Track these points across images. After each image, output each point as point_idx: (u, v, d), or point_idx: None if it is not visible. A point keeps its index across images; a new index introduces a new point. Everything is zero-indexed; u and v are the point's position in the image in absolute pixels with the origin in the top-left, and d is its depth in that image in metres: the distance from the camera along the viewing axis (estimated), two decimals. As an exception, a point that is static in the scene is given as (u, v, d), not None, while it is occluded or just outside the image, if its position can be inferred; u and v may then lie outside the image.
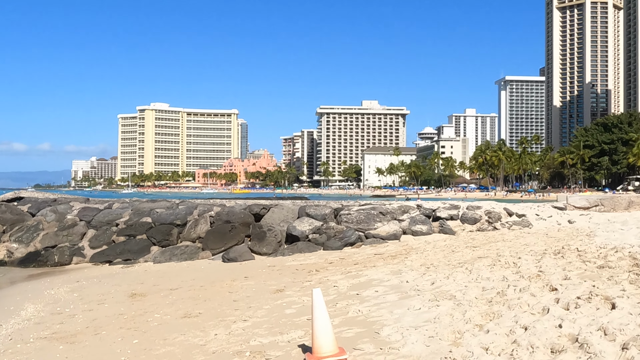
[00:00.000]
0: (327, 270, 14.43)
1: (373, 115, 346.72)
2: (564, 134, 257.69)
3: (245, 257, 18.87)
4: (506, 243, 15.56)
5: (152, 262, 20.15)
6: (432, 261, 13.60)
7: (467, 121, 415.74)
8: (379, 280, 11.78)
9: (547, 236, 16.51)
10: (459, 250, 15.22)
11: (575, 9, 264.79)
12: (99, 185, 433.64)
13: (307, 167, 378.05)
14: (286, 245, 20.50)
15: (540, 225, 20.01)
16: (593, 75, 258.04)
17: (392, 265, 13.95)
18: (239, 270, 16.51)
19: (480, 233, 19.64)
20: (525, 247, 13.97)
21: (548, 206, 22.26)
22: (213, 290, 13.19)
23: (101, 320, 10.88)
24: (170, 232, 21.39)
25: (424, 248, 16.87)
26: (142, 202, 25.27)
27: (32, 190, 55.51)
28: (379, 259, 15.74)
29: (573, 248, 12.56)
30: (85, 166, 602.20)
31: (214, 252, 20.29)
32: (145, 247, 21.04)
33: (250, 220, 21.57)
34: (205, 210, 22.42)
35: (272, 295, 11.62)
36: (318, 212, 21.42)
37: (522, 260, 11.54)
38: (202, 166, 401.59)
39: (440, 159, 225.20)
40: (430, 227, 20.83)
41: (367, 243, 19.83)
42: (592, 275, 9.25)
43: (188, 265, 18.76)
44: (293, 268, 15.66)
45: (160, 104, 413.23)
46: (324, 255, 18.21)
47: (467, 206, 22.06)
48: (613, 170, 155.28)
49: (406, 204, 22.95)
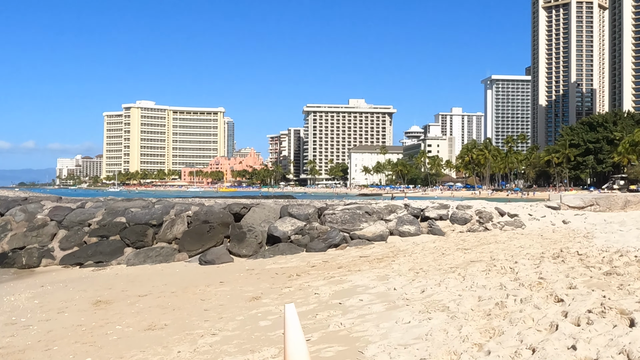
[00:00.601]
0: (309, 275, 13.44)
1: (360, 114, 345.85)
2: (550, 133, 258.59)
3: (224, 259, 17.84)
4: (499, 245, 14.66)
5: (126, 264, 19.06)
6: (421, 265, 12.66)
7: (453, 120, 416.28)
8: (364, 286, 10.82)
9: (542, 238, 15.65)
10: (450, 252, 14.30)
11: (560, 9, 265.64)
12: (84, 184, 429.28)
13: (293, 165, 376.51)
14: (267, 247, 19.49)
15: (534, 225, 19.15)
16: (578, 75, 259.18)
17: (379, 269, 12.99)
18: (215, 274, 15.49)
19: (471, 234, 18.74)
20: (520, 250, 13.07)
21: (541, 205, 21.41)
22: (184, 297, 12.16)
23: (57, 332, 9.81)
24: (145, 232, 20.28)
25: (412, 250, 15.94)
26: (117, 201, 24.13)
27: (17, 189, 54.27)
28: (365, 262, 14.78)
29: (573, 251, 11.68)
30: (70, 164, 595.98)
31: (190, 253, 19.23)
32: (118, 248, 19.92)
33: (229, 220, 20.52)
34: (183, 210, 21.33)
35: (247, 304, 10.61)
36: (301, 211, 20.42)
37: (519, 265, 10.63)
38: (189, 164, 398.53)
39: (427, 157, 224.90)
40: (419, 228, 19.90)
41: (352, 244, 18.87)
42: (600, 284, 8.35)
43: (162, 269, 17.69)
44: (273, 272, 14.66)
45: (146, 101, 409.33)
46: (306, 257, 17.22)
47: (457, 206, 21.14)
48: (598, 169, 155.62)
49: (393, 203, 22.00)
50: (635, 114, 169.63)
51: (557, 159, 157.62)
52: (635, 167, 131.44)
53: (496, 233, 18.30)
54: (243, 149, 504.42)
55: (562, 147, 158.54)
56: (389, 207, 21.01)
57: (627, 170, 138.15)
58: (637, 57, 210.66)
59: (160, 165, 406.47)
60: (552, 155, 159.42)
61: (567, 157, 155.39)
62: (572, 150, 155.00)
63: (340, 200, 23.96)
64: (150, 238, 20.25)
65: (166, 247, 19.67)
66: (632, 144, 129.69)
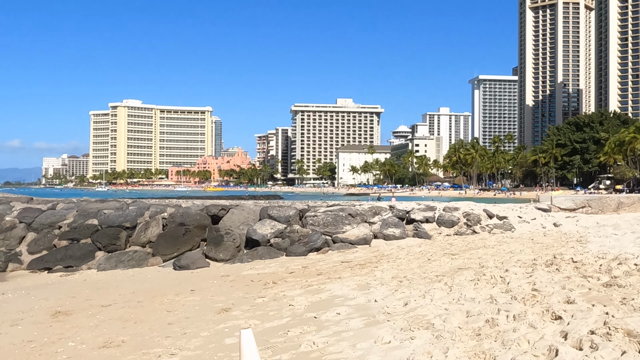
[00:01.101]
0: (286, 283, 12.57)
1: (348, 114, 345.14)
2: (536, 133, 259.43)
3: (199, 264, 16.92)
4: (488, 250, 13.88)
5: (96, 269, 18.09)
6: (405, 272, 11.84)
7: (441, 120, 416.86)
8: (342, 297, 9.98)
9: (533, 242, 14.88)
10: (436, 258, 13.50)
11: (547, 9, 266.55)
12: (70, 183, 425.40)
13: (281, 165, 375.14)
14: (246, 251, 18.59)
15: (524, 228, 18.40)
16: (565, 75, 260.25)
17: (360, 276, 12.16)
18: (188, 280, 14.58)
19: (458, 237, 17.94)
20: (511, 256, 12.29)
21: (531, 207, 20.64)
22: (150, 308, 11.25)
23: (3, 350, 8.89)
24: (117, 235, 19.31)
25: (396, 255, 15.12)
26: (90, 202, 23.11)
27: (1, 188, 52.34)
28: (346, 267, 13.94)
29: (567, 258, 10.91)
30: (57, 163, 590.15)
31: (165, 258, 18.29)
32: (89, 252, 18.92)
33: (206, 223, 19.60)
34: (158, 212, 20.37)
35: (216, 317, 9.72)
36: (281, 213, 19.52)
37: (510, 273, 9.84)
38: (176, 164, 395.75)
39: (414, 157, 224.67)
40: (404, 231, 19.06)
41: (335, 248, 18.01)
42: (601, 297, 7.56)
43: (134, 274, 16.74)
44: (248, 279, 13.77)
45: (133, 100, 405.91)
46: (285, 262, 16.35)
47: (443, 208, 20.30)
48: (585, 169, 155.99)
49: (378, 205, 21.13)
50: (621, 114, 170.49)
51: (544, 158, 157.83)
52: (621, 167, 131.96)
53: (485, 237, 17.50)
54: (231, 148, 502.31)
55: (549, 146, 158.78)
56: (373, 208, 20.16)
57: (613, 170, 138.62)
58: (623, 58, 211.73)
59: (147, 164, 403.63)
60: (539, 155, 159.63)
61: (554, 157, 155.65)
62: (559, 150, 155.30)
63: (324, 202, 23.09)
64: (123, 241, 19.28)
65: (139, 251, 18.72)
66: (618, 144, 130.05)
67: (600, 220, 18.03)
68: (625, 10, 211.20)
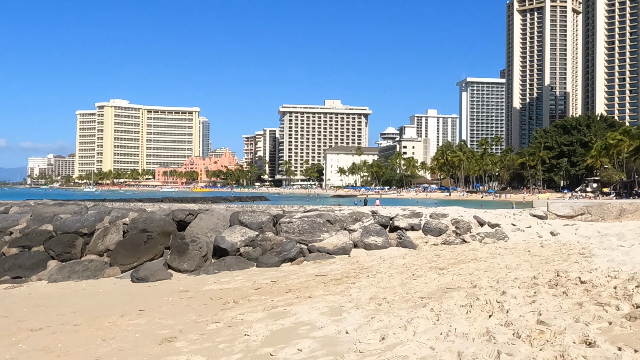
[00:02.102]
0: (249, 302, 10.91)
1: (335, 115, 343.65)
2: (524, 136, 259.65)
3: (159, 275, 15.21)
4: (480, 264, 12.29)
5: (47, 280, 16.32)
6: (385, 291, 10.23)
7: (428, 122, 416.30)
8: (309, 325, 8.34)
9: (530, 254, 13.32)
10: (421, 273, 11.90)
11: (535, 13, 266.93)
12: (56, 183, 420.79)
13: (269, 166, 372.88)
14: (213, 260, 16.90)
15: (518, 237, 16.84)
16: (552, 78, 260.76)
17: (334, 295, 10.54)
18: (141, 296, 12.87)
19: (446, 247, 16.33)
20: (507, 273, 10.72)
21: (525, 214, 19.06)
22: (85, 334, 9.54)
23: None
24: (73, 243, 17.54)
25: (377, 268, 13.50)
26: (48, 205, 21.30)
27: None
28: (320, 283, 12.30)
29: (573, 277, 9.34)
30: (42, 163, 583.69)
31: (124, 268, 16.56)
32: (40, 261, 17.14)
33: (171, 229, 17.88)
34: (119, 217, 18.62)
35: (154, 350, 8.04)
36: (253, 219, 17.84)
37: (508, 296, 8.27)
38: (163, 164, 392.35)
39: (402, 159, 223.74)
40: (387, 239, 17.41)
41: (310, 258, 16.33)
42: (627, 337, 5.99)
43: (86, 287, 15.00)
44: (208, 296, 12.08)
45: (119, 100, 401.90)
46: (255, 274, 14.67)
47: (430, 214, 18.66)
48: (572, 171, 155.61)
49: (359, 211, 19.43)
50: (608, 118, 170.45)
51: (532, 161, 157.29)
52: (608, 170, 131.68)
53: (475, 247, 15.89)
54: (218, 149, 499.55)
55: (537, 149, 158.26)
56: (354, 214, 18.51)
57: (600, 173, 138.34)
58: (610, 62, 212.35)
59: (134, 165, 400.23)
60: (527, 157, 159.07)
61: (542, 159, 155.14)
62: (546, 153, 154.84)
63: (301, 207, 21.43)
64: (79, 249, 17.53)
65: (95, 260, 16.96)
66: (605, 147, 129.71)
67: (602, 229, 16.52)
68: (612, 14, 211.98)
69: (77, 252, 17.40)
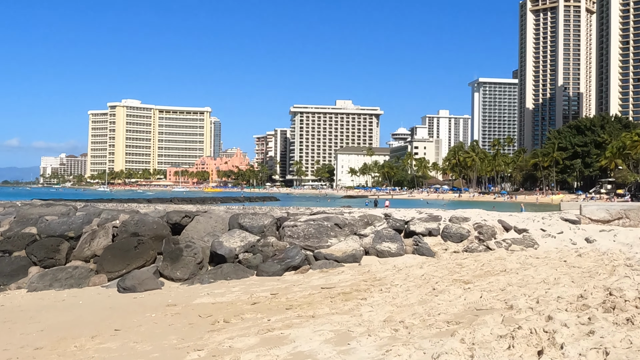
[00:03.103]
0: (242, 321, 9.33)
1: (347, 115, 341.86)
2: (536, 137, 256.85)
3: (148, 285, 13.66)
4: (512, 277, 10.63)
5: (27, 289, 14.88)
6: (402, 311, 8.62)
7: (440, 122, 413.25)
8: (309, 358, 6.75)
9: (568, 265, 11.65)
10: (444, 287, 10.27)
11: (548, 12, 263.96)
12: (68, 183, 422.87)
13: (280, 166, 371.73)
14: (210, 267, 15.36)
15: (549, 244, 15.14)
16: (565, 78, 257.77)
17: (341, 315, 8.94)
18: (122, 311, 11.32)
19: (469, 255, 14.63)
20: (546, 289, 9.06)
21: (556, 218, 17.28)
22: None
23: None
24: (57, 247, 16.05)
25: (391, 280, 11.87)
26: (35, 206, 19.85)
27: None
28: (326, 297, 10.71)
29: (631, 297, 7.68)
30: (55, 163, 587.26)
31: (111, 276, 15.06)
32: (21, 267, 15.68)
33: (165, 233, 16.36)
34: (109, 219, 17.12)
35: (116, 389, 6.51)
36: (254, 223, 16.27)
37: (556, 324, 6.62)
38: (174, 164, 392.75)
39: (414, 159, 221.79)
40: (402, 246, 15.77)
41: (317, 266, 14.74)
42: None
43: (66, 298, 13.50)
44: (197, 312, 10.51)
45: (131, 100, 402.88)
46: (253, 285, 13.09)
47: (450, 217, 16.95)
48: (586, 173, 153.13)
49: (371, 214, 17.77)
50: (622, 118, 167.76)
51: (545, 162, 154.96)
52: (622, 171, 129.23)
53: (502, 255, 14.18)
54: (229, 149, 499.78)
55: (550, 150, 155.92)
56: (364, 218, 16.86)
57: (614, 174, 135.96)
58: (624, 62, 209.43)
59: (146, 164, 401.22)
60: (540, 158, 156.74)
61: (555, 160, 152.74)
62: (560, 154, 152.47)
63: (307, 209, 19.82)
64: (64, 255, 16.04)
65: (80, 267, 15.46)
66: (619, 148, 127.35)
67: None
68: (627, 13, 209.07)
69: (62, 257, 15.92)
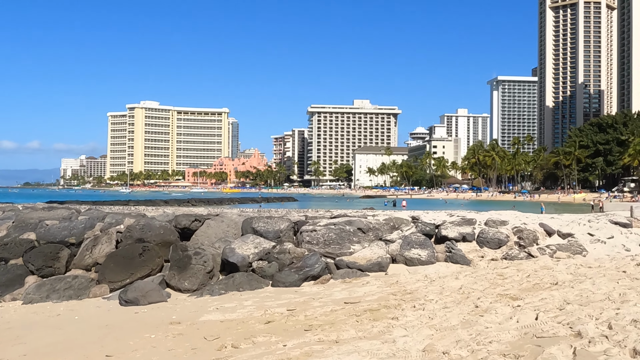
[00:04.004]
0: (253, 347, 7.95)
1: (364, 115, 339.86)
2: (557, 135, 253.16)
3: (152, 297, 12.34)
4: (566, 291, 9.12)
5: (22, 300, 13.66)
6: (443, 338, 7.18)
7: (459, 121, 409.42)
8: (335, 405, 5.36)
9: (628, 277, 10.11)
10: (488, 304, 8.80)
11: (568, 9, 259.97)
12: (88, 184, 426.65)
13: (297, 166, 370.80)
14: (221, 276, 14.03)
15: (599, 251, 13.58)
16: (586, 76, 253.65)
17: (370, 340, 7.53)
18: (119, 330, 10.00)
19: (509, 264, 13.09)
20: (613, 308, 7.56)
21: (604, 221, 15.65)
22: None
23: None
24: (56, 255, 14.82)
25: (424, 293, 10.41)
26: (36, 209, 18.68)
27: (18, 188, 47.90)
28: (351, 315, 9.29)
29: None
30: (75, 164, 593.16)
31: (114, 286, 13.78)
32: (17, 277, 14.47)
33: (172, 239, 15.06)
34: (113, 223, 15.86)
35: None
36: (270, 227, 14.90)
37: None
38: (192, 165, 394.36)
39: (432, 159, 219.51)
40: (433, 253, 14.26)
41: (338, 276, 13.32)
42: None
43: (62, 312, 12.22)
44: (203, 333, 9.15)
45: (150, 102, 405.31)
46: (267, 298, 11.72)
47: (486, 221, 15.38)
48: (608, 171, 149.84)
49: (397, 217, 16.22)
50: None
51: (567, 160, 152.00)
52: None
53: (547, 263, 12.63)
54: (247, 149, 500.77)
55: (572, 148, 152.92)
56: (390, 221, 15.38)
57: (638, 172, 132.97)
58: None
59: (164, 165, 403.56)
60: (562, 156, 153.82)
61: (577, 158, 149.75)
62: (582, 152, 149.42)
63: (327, 211, 18.42)
64: (64, 263, 14.81)
65: (80, 276, 14.19)
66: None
67: None
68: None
69: (62, 266, 14.70)
